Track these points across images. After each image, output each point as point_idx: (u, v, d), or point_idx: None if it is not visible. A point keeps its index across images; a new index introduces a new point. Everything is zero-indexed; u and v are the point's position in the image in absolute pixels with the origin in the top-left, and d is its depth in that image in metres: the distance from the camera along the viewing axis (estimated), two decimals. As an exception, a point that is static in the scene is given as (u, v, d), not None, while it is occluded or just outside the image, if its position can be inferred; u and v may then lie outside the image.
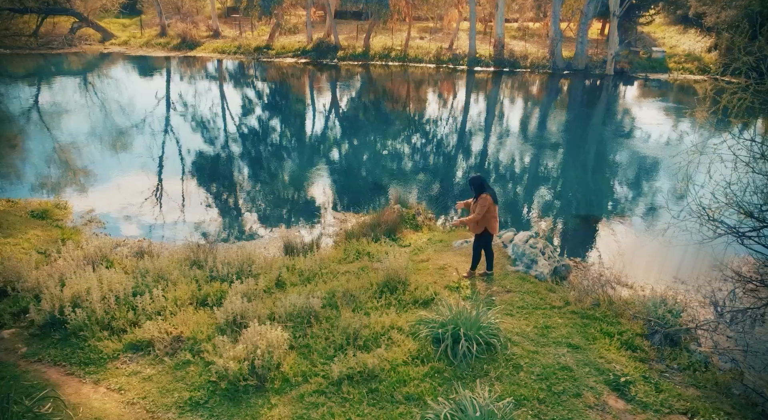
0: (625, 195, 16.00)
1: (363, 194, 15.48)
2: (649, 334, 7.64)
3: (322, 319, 7.53)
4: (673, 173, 16.71)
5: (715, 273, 9.78)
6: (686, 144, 20.97)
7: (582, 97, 30.26)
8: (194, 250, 9.40)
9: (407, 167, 18.10)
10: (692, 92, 30.67)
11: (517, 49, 35.99)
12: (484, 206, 8.48)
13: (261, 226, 13.33)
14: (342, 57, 37.53)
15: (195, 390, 6.35)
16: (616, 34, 31.95)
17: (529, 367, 6.69)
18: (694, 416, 6.04)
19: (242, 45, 40.43)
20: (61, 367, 6.77)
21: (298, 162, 18.59)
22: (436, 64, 35.76)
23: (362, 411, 6.03)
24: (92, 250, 9.22)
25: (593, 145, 21.40)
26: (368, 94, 29.86)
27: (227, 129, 22.74)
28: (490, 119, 25.68)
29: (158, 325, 7.21)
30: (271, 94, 30.25)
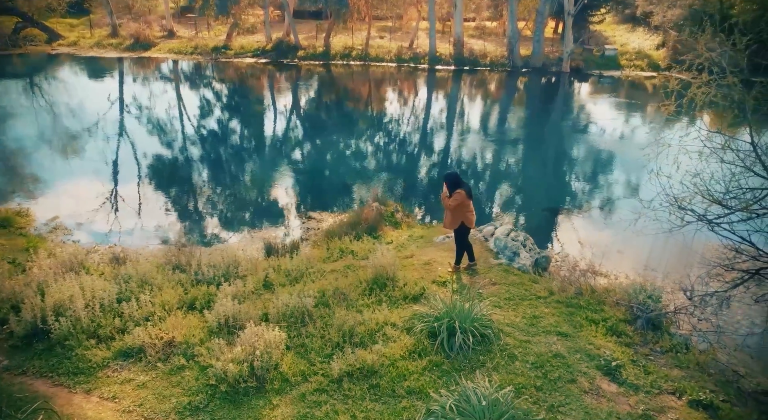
0: (592, 188, 16.51)
1: (335, 194, 15.49)
2: (632, 320, 7.94)
3: (316, 318, 7.52)
4: (642, 165, 17.36)
5: (686, 259, 10.24)
6: (649, 138, 21.82)
7: (541, 95, 31.01)
8: (175, 254, 9.21)
9: (376, 166, 18.18)
10: (643, 88, 31.87)
11: (476, 48, 36.56)
12: (458, 200, 8.63)
13: (235, 228, 13.19)
14: (303, 57, 37.28)
15: (193, 394, 6.24)
16: (571, 33, 32.85)
17: (523, 356, 6.85)
18: (682, 395, 6.32)
19: (199, 45, 39.66)
20: (48, 378, 6.54)
21: (266, 164, 18.41)
22: (398, 63, 35.94)
23: (365, 407, 6.06)
24: (66, 258, 8.91)
25: (556, 141, 21.99)
26: (332, 94, 29.79)
27: (187, 131, 22.31)
28: (455, 117, 26.01)
29: (148, 330, 7.05)
30: (234, 95, 29.80)
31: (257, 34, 43.42)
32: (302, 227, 12.89)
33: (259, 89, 31.40)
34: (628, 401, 6.20)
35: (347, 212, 13.45)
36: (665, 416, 5.97)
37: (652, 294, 8.19)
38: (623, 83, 32.50)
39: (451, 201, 8.59)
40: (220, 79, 33.68)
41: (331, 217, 13.45)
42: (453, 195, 8.66)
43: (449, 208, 8.66)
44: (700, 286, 9.82)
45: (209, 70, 35.70)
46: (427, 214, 13.81)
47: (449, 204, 8.62)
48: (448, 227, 8.97)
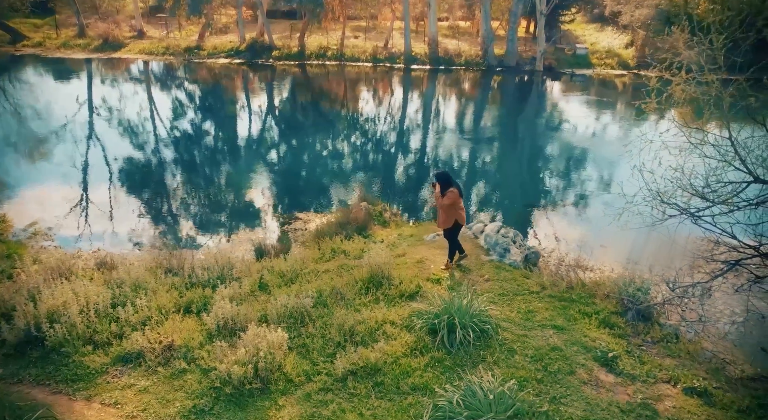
0: (571, 184, 16.83)
1: (318, 194, 15.49)
2: (623, 312, 8.15)
3: (315, 318, 7.53)
4: (615, 161, 17.92)
5: (669, 252, 10.53)
6: (621, 134, 22.34)
7: (517, 93, 31.44)
8: (166, 257, 9.11)
9: (356, 166, 18.22)
10: (613, 87, 32.58)
11: (451, 48, 36.83)
12: (451, 198, 8.73)
13: (220, 231, 13.08)
14: (277, 57, 37.01)
15: (197, 397, 6.21)
16: (544, 32, 33.36)
17: (522, 350, 6.99)
18: (677, 384, 6.54)
19: (171, 46, 39.04)
20: (46, 386, 6.43)
21: (245, 165, 18.26)
22: (374, 63, 35.98)
23: (371, 405, 6.11)
24: (54, 264, 8.73)
25: (533, 138, 22.32)
26: (310, 95, 29.67)
27: (162, 134, 21.95)
28: (433, 116, 26.18)
29: (146, 335, 6.97)
30: (209, 96, 29.43)
31: (230, 34, 42.96)
32: (289, 228, 12.84)
33: (234, 90, 31.08)
34: (626, 391, 6.39)
35: (334, 212, 13.47)
36: (662, 404, 6.16)
37: (641, 287, 8.42)
38: (595, 81, 33.17)
39: (446, 200, 8.69)
40: (193, 80, 33.24)
41: (317, 217, 13.44)
42: (446, 194, 8.76)
43: (443, 207, 8.75)
44: (684, 277, 10.14)
45: (182, 71, 35.18)
46: (412, 213, 13.89)
47: (443, 203, 8.72)
48: (442, 226, 9.05)
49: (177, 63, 36.82)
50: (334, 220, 12.36)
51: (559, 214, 14.41)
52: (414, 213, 13.89)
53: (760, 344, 8.95)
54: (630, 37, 37.50)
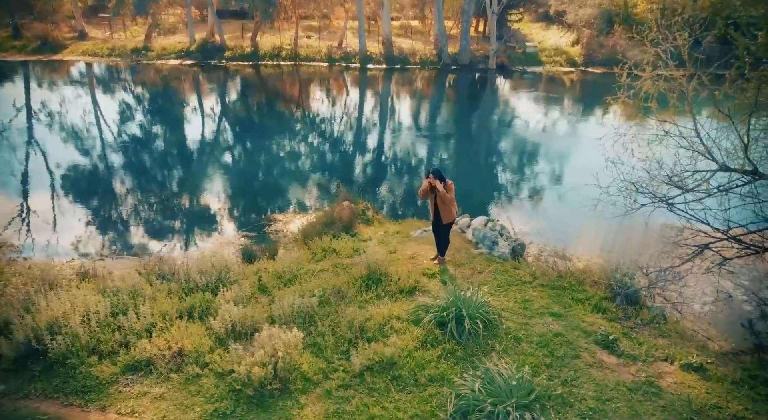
0: (541, 176, 17.39)
1: (291, 196, 15.48)
2: (612, 297, 8.57)
3: (322, 317, 7.57)
4: (590, 153, 18.68)
5: (642, 239, 11.10)
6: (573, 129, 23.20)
7: (475, 91, 32.12)
8: (157, 264, 8.93)
9: (324, 167, 18.27)
10: (562, 83, 33.73)
11: (405, 47, 37.19)
12: (452, 194, 8.92)
13: (197, 236, 12.87)
14: (230, 57, 36.38)
15: (217, 401, 6.16)
16: (496, 31, 34.17)
17: (527, 338, 7.26)
18: (674, 361, 6.96)
19: (116, 47, 37.75)
20: (55, 399, 6.22)
21: (209, 170, 17.99)
22: (329, 63, 35.91)
23: (392, 398, 6.23)
24: (38, 275, 8.41)
25: (497, 134, 22.89)
26: (269, 96, 29.35)
27: (117, 139, 21.27)
28: (396, 115, 26.44)
29: (154, 342, 6.84)
30: (161, 99, 28.63)
31: (178, 34, 41.89)
32: (270, 230, 12.76)
33: (187, 92, 30.36)
34: (629, 370, 6.75)
35: (313, 212, 13.50)
36: (664, 381, 6.55)
37: (627, 273, 8.87)
38: (545, 78, 34.27)
39: (451, 193, 8.82)
40: (144, 82, 32.23)
41: (296, 217, 13.42)
42: (448, 187, 8.88)
43: (449, 201, 8.85)
44: (660, 262, 10.70)
45: (131, 73, 34.06)
46: (391, 211, 14.05)
47: (450, 196, 8.81)
48: (449, 220, 9.09)
49: (124, 65, 35.63)
50: (315, 219, 12.40)
51: (529, 206, 14.90)
52: (393, 210, 14.06)
53: (730, 321, 9.59)
54: (576, 35, 38.89)
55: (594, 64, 35.82)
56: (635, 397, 6.23)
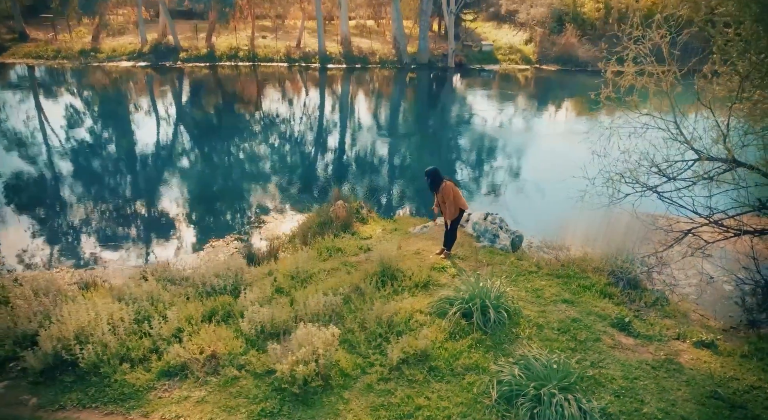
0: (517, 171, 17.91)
1: (274, 197, 15.38)
2: (615, 283, 9.01)
3: (347, 314, 7.66)
4: (521, 150, 19.51)
5: (627, 227, 11.62)
6: (533, 122, 23.94)
7: (436, 89, 32.62)
8: (167, 269, 8.79)
9: (303, 167, 18.21)
10: (517, 81, 34.70)
11: (364, 46, 37.31)
12: (450, 193, 9.15)
13: (190, 240, 12.65)
14: (186, 59, 35.55)
15: (261, 401, 6.18)
16: (454, 30, 34.78)
17: (548, 325, 7.57)
18: (685, 339, 7.42)
19: (62, 49, 36.21)
20: (94, 409, 6.09)
21: (180, 175, 17.64)
22: (288, 63, 35.64)
23: (433, 388, 6.40)
24: (44, 285, 8.12)
25: (460, 131, 23.35)
26: (230, 97, 28.88)
27: (73, 145, 20.55)
28: (364, 115, 26.56)
29: (186, 346, 6.77)
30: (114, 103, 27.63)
31: (127, 35, 40.59)
32: (260, 232, 12.67)
33: (143, 95, 29.47)
34: (648, 350, 7.16)
35: (296, 213, 13.53)
36: (682, 358, 6.99)
37: (627, 259, 9.34)
38: (503, 76, 35.15)
39: (448, 200, 9.03)
40: (95, 85, 31.05)
41: (284, 219, 13.38)
42: (442, 190, 9.08)
43: (451, 210, 9.06)
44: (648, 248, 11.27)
45: (81, 77, 32.75)
46: (382, 208, 14.18)
47: (450, 209, 9.04)
48: (450, 218, 9.31)
49: (73, 67, 34.25)
50: (307, 220, 12.43)
51: (530, 198, 15.30)
52: (383, 208, 14.19)
53: (714, 301, 10.22)
54: (529, 34, 40.02)
55: (548, 62, 37.01)
56: (659, 375, 6.63)
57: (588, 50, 36.99)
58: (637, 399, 6.19)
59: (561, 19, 39.35)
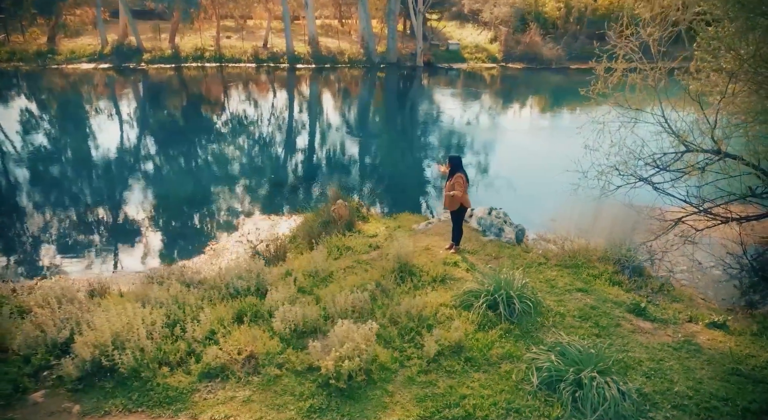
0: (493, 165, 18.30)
1: (267, 199, 15.32)
2: (620, 271, 9.41)
3: (376, 310, 7.76)
4: (488, 146, 20.03)
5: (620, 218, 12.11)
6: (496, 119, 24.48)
7: (407, 87, 32.89)
8: (182, 272, 8.71)
9: (289, 167, 18.17)
10: (483, 79, 35.38)
11: (332, 46, 37.28)
12: (462, 185, 9.38)
13: (192, 243, 12.50)
14: (150, 60, 34.79)
15: (308, 398, 6.23)
16: (422, 30, 35.15)
17: (569, 313, 7.87)
18: (698, 321, 7.84)
19: (17, 51, 34.85)
20: (140, 413, 6.02)
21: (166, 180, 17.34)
22: (257, 64, 35.29)
23: (473, 377, 6.59)
24: (59, 293, 7.92)
25: (436, 129, 23.68)
26: (199, 99, 28.41)
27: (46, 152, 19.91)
28: (340, 114, 26.58)
29: (224, 348, 6.76)
30: (78, 106, 26.82)
31: (86, 36, 39.34)
32: (259, 234, 12.60)
33: (107, 98, 28.66)
34: (666, 333, 7.54)
35: (293, 214, 13.51)
36: (698, 339, 7.40)
37: (630, 247, 9.76)
38: (470, 74, 35.75)
39: (459, 189, 9.25)
40: (54, 89, 29.96)
41: (281, 219, 13.35)
42: (454, 178, 9.30)
43: (460, 195, 9.28)
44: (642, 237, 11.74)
45: (38, 80, 31.54)
46: (380, 207, 14.30)
47: (459, 193, 9.25)
48: (450, 208, 9.53)
49: (29, 70, 32.98)
50: (305, 220, 12.46)
51: (525, 192, 15.62)
52: (381, 207, 14.30)
53: (705, 286, 10.77)
54: (493, 33, 40.79)
55: (513, 60, 37.84)
56: (681, 355, 7.01)
57: (551, 49, 38.03)
58: (666, 379, 6.53)
59: (524, 18, 40.29)
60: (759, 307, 8.86)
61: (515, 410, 6.08)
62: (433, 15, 42.94)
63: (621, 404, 5.92)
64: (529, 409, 6.09)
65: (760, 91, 10.41)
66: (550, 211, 13.99)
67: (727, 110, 10.74)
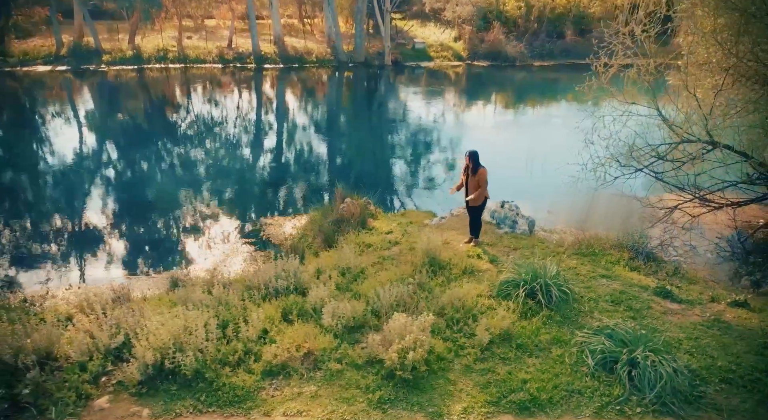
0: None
1: (261, 200, 15.19)
2: (635, 257, 9.83)
3: (420, 302, 7.89)
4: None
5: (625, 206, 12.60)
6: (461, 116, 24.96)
7: (378, 86, 33.01)
8: (211, 274, 8.61)
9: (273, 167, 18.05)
10: (449, 77, 35.90)
11: (299, 46, 37.03)
12: (485, 179, 9.61)
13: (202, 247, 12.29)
14: (110, 62, 33.66)
15: (375, 390, 6.33)
16: (390, 29, 35.36)
17: (601, 298, 8.21)
18: (720, 301, 8.30)
19: (-38, 53, 33.11)
20: (211, 413, 5.99)
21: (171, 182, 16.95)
22: (222, 64, 34.69)
23: (529, 362, 6.83)
24: (92, 299, 7.72)
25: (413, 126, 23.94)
26: (171, 101, 27.74)
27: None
28: (311, 113, 26.48)
29: (281, 346, 6.76)
30: (36, 111, 25.79)
31: (38, 37, 37.63)
32: (265, 234, 12.51)
33: (63, 101, 27.63)
34: (694, 313, 7.97)
35: (300, 213, 13.49)
36: (725, 317, 7.86)
37: (642, 235, 10.21)
38: (437, 73, 36.21)
39: (484, 184, 9.47)
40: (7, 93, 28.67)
41: (285, 220, 13.28)
42: (478, 174, 9.51)
43: (482, 192, 9.49)
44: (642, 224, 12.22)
45: None
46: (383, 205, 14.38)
47: (482, 191, 9.46)
48: (474, 204, 9.73)
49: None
50: (309, 220, 12.46)
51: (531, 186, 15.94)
52: (385, 204, 14.35)
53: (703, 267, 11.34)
54: (457, 31, 41.41)
55: (478, 58, 38.54)
56: (714, 333, 7.44)
57: (515, 46, 38.94)
58: (707, 355, 6.93)
59: (486, 17, 41.08)
60: (763, 286, 9.44)
61: (577, 392, 6.34)
62: (396, 14, 43.20)
63: (675, 380, 6.26)
64: (589, 390, 6.36)
65: (750, 85, 11.08)
66: (546, 204, 14.40)
67: (719, 103, 11.32)
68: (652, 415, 6.04)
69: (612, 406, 6.16)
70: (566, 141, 12.84)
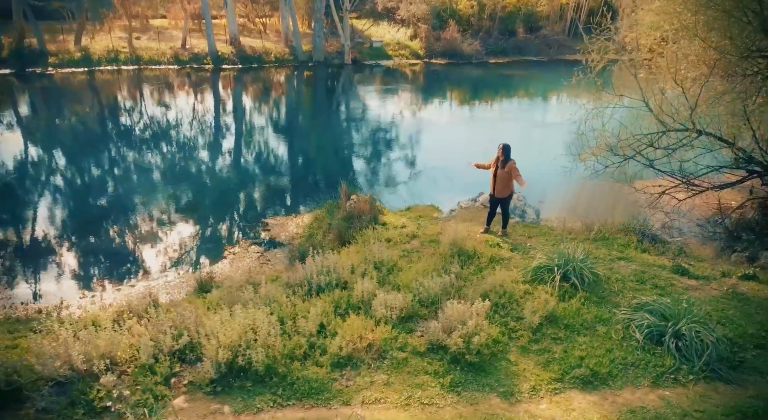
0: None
1: (259, 201, 15.03)
2: (642, 240, 10.41)
3: (460, 289, 8.12)
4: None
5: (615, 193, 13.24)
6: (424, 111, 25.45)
7: (339, 85, 32.96)
8: (248, 273, 8.55)
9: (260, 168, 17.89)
10: (406, 75, 36.28)
11: (256, 46, 36.49)
12: (515, 172, 9.83)
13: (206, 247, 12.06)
14: (56, 64, 32.02)
15: (445, 374, 6.56)
16: (349, 27, 35.39)
17: (626, 278, 8.69)
18: (732, 275, 8.95)
19: None
20: (291, 406, 6.03)
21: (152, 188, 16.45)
22: (178, 65, 33.73)
23: (580, 341, 7.20)
24: (134, 304, 7.55)
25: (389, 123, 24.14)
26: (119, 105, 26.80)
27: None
28: (279, 113, 26.24)
29: (345, 339, 6.83)
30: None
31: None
32: (272, 234, 12.43)
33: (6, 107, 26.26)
34: (712, 287, 8.57)
35: (301, 213, 13.47)
36: (741, 289, 8.48)
37: (646, 219, 10.82)
38: (396, 71, 36.52)
39: (519, 176, 9.72)
40: None
41: (289, 219, 13.21)
42: (508, 166, 9.75)
43: (522, 181, 9.77)
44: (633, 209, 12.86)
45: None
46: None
47: (521, 180, 9.73)
48: (502, 195, 10.00)
49: None
50: (311, 219, 12.50)
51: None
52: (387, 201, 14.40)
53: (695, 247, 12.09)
54: (413, 30, 41.86)
55: (435, 56, 39.13)
56: (736, 304, 8.04)
57: (470, 44, 39.79)
58: (737, 324, 7.51)
59: (440, 15, 41.76)
60: (760, 260, 10.20)
61: (632, 364, 6.76)
62: (352, 14, 43.20)
63: (718, 348, 6.76)
64: (643, 362, 6.79)
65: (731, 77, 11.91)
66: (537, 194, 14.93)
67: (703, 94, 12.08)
68: (704, 382, 6.52)
69: (667, 375, 6.59)
70: (545, 134, 13.35)
